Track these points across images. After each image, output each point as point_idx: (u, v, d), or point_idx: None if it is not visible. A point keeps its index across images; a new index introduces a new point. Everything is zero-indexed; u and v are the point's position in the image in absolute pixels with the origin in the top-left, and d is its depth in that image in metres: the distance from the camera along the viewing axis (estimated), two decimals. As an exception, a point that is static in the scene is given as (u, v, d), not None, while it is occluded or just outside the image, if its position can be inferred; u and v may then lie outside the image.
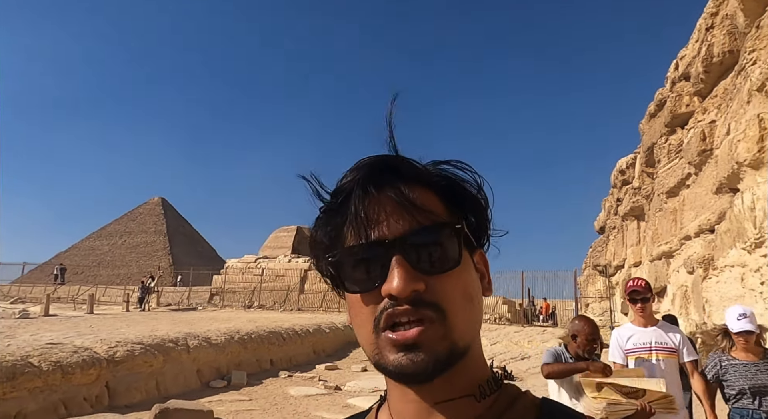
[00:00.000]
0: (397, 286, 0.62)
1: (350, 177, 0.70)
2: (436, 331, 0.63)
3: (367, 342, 0.67)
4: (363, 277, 0.67)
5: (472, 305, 0.68)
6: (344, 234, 0.68)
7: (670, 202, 13.25)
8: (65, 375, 8.20)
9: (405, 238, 0.65)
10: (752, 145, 8.40)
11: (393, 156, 0.72)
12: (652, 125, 15.73)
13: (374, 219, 0.66)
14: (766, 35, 9.03)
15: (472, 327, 0.68)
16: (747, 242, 8.44)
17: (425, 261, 0.65)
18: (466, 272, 0.68)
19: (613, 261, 22.28)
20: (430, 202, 0.69)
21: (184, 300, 31.12)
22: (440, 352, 0.63)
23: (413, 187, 0.69)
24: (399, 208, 0.66)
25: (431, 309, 0.63)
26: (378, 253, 0.65)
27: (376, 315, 0.65)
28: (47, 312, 22.24)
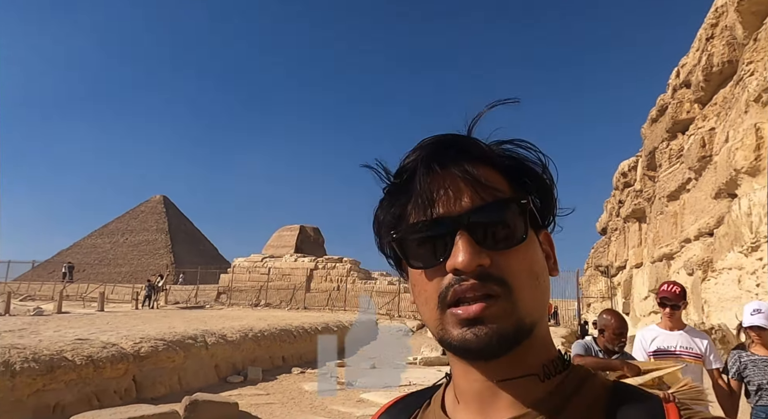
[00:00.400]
0: (463, 260, 0.62)
1: (413, 156, 0.71)
2: (502, 307, 0.63)
3: (431, 318, 0.67)
4: (427, 253, 0.67)
5: (538, 283, 0.67)
6: (408, 212, 0.69)
7: (671, 206, 13.69)
8: (96, 369, 8.65)
9: (469, 214, 0.65)
10: (749, 154, 8.84)
11: (456, 134, 0.72)
12: (653, 130, 16.16)
13: (439, 195, 0.66)
14: (764, 48, 9.46)
15: (539, 305, 0.67)
16: (744, 246, 8.88)
17: (490, 237, 0.65)
18: (531, 249, 0.68)
19: (615, 262, 22.72)
20: (495, 179, 0.69)
21: (192, 298, 31.58)
22: (506, 328, 0.62)
23: (477, 165, 0.68)
24: (463, 184, 0.67)
25: (497, 284, 0.63)
26: (442, 229, 0.65)
27: (441, 290, 0.65)
28: (60, 310, 22.69)
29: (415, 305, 0.71)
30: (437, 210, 0.66)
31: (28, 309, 21.64)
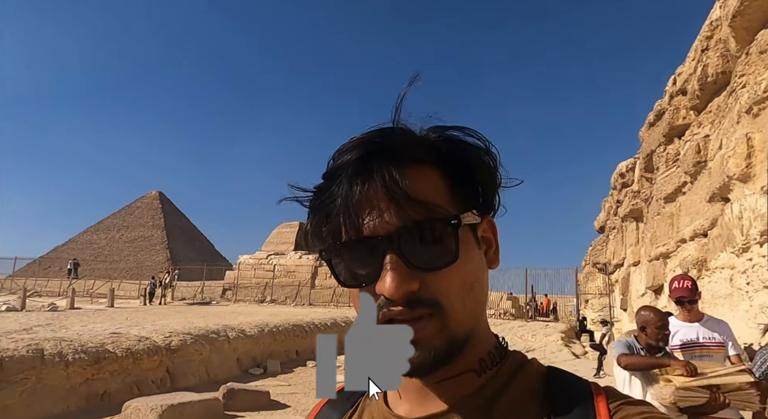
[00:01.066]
0: (390, 288, 0.60)
1: (340, 161, 0.68)
2: (433, 326, 0.62)
3: None
4: (358, 272, 0.65)
5: (473, 293, 0.66)
6: (337, 227, 0.66)
7: (667, 207, 14.39)
8: (135, 361, 9.33)
9: (398, 235, 0.62)
10: (741, 161, 9.51)
11: (388, 130, 0.69)
12: (651, 133, 16.84)
13: (365, 213, 0.63)
14: (755, 62, 10.13)
15: (473, 312, 0.66)
16: (735, 247, 9.57)
17: (420, 256, 0.62)
18: (467, 262, 0.66)
19: (613, 260, 23.43)
20: (429, 185, 0.65)
21: (197, 294, 32.20)
22: (438, 347, 0.62)
23: (409, 171, 0.65)
24: (392, 200, 0.63)
25: (428, 306, 0.62)
26: (371, 250, 0.63)
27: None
28: (72, 306, 23.29)
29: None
30: (365, 229, 0.63)
31: (42, 305, 22.25)
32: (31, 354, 7.52)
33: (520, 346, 19.42)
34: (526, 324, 23.19)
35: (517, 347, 18.23)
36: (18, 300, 21.83)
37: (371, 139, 0.67)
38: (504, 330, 22.15)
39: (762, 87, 9.11)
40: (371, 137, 0.68)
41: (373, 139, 0.67)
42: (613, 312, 24.46)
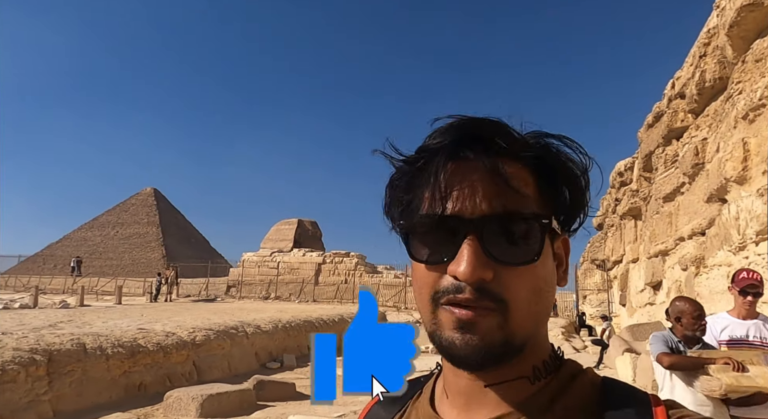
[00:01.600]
0: (464, 271, 0.59)
1: (439, 138, 0.66)
2: (494, 319, 0.61)
3: (425, 309, 0.65)
4: (432, 249, 0.63)
5: (539, 299, 0.64)
6: (422, 200, 0.64)
7: (666, 206, 14.97)
8: (165, 355, 9.83)
9: (484, 220, 0.60)
10: (737, 165, 10.07)
11: (491, 119, 0.66)
12: (649, 134, 17.40)
13: (456, 191, 0.62)
14: (751, 70, 10.68)
15: (536, 319, 0.65)
16: (732, 245, 10.14)
17: (500, 248, 0.61)
18: (541, 266, 0.64)
19: (612, 257, 24.03)
20: (523, 181, 0.64)
21: (202, 291, 32.67)
22: (493, 342, 0.60)
23: (507, 161, 0.63)
24: (485, 184, 0.61)
25: (493, 301, 0.60)
26: (452, 229, 0.61)
27: (438, 289, 0.62)
28: (82, 303, 23.72)
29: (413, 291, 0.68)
30: (451, 206, 0.61)
31: (53, 302, 22.67)
32: (76, 347, 8.02)
33: (522, 341, 20.00)
34: (527, 319, 23.74)
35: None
36: (30, 297, 22.24)
37: (474, 122, 0.65)
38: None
39: (758, 95, 9.67)
40: (473, 121, 0.66)
41: (476, 123, 0.65)
42: (612, 307, 25.07)
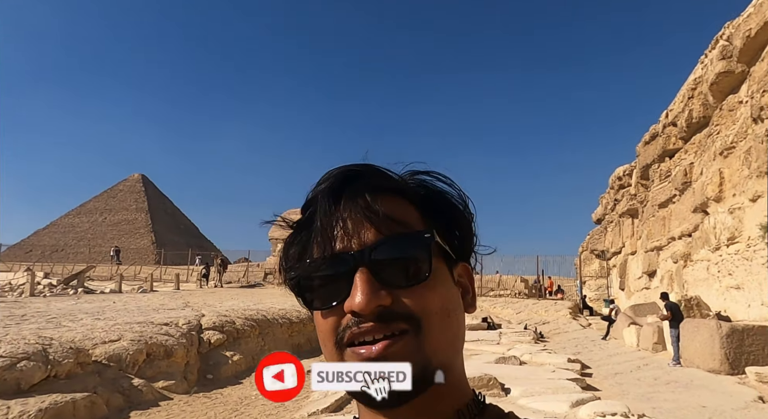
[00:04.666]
0: (360, 302, 0.58)
1: (317, 189, 0.67)
2: (407, 344, 0.59)
3: (331, 359, 0.62)
4: (326, 293, 0.63)
5: (450, 321, 0.62)
6: (309, 249, 0.65)
7: (660, 212, 18.87)
8: (303, 325, 13.59)
9: (369, 250, 0.61)
10: (715, 188, 13.92)
11: (362, 164, 0.69)
12: (646, 150, 21.27)
13: (338, 230, 0.63)
14: (726, 116, 14.49)
15: (451, 345, 0.63)
16: (711, 246, 14.02)
17: (393, 273, 0.61)
18: (441, 285, 0.64)
19: (611, 248, 28.04)
20: (402, 211, 0.65)
21: (241, 278, 36.30)
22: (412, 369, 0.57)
23: (381, 197, 0.64)
24: (364, 219, 0.62)
25: (403, 320, 0.59)
26: (341, 267, 0.61)
27: (339, 331, 0.61)
28: (152, 288, 27.28)
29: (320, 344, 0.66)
30: (336, 246, 0.62)
31: (132, 288, 26.18)
32: (262, 317, 11.75)
33: (537, 319, 23.97)
34: (538, 302, 27.74)
35: (536, 320, 23.10)
36: (115, 284, 25.68)
37: (346, 169, 0.68)
38: (521, 307, 26.78)
39: (730, 139, 13.50)
40: (345, 168, 0.68)
41: (350, 168, 0.68)
42: (610, 291, 29.06)
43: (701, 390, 8.53)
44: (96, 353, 7.16)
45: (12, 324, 9.72)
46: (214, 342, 9.56)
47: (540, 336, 19.32)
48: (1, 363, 5.72)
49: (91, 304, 16.57)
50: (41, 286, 21.66)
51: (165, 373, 7.81)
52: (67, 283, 23.00)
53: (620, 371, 11.15)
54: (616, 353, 14.28)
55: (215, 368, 9.03)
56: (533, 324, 22.09)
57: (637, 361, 12.36)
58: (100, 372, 6.87)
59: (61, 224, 65.66)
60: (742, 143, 12.77)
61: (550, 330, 21.42)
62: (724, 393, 8.20)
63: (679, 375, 10.01)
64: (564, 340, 18.96)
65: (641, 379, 10.05)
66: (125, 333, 8.02)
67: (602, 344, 16.76)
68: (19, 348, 6.11)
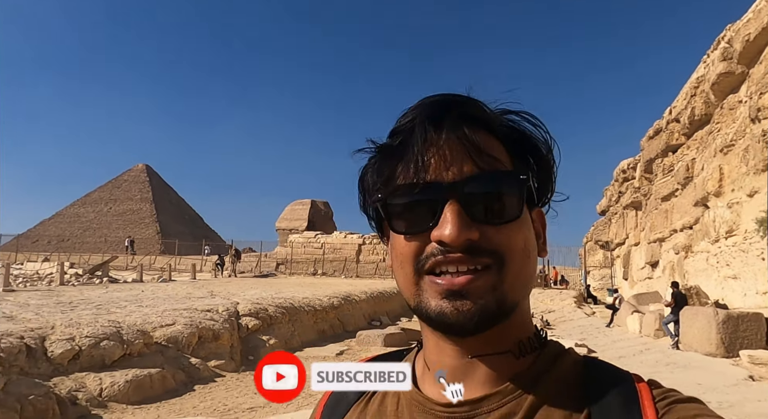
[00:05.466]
0: (450, 233, 0.58)
1: (410, 116, 0.67)
2: (489, 280, 0.60)
3: (407, 283, 0.64)
4: (413, 219, 0.63)
5: (529, 260, 0.64)
6: (398, 174, 0.65)
7: (663, 205, 19.66)
8: (326, 312, 14.48)
9: (464, 183, 0.61)
10: (715, 183, 14.70)
11: (459, 95, 0.68)
12: (650, 144, 22.02)
13: (433, 159, 0.62)
14: (726, 115, 15.23)
15: (526, 283, 0.65)
16: (710, 238, 14.82)
17: (483, 209, 0.62)
18: (525, 227, 0.65)
19: (615, 239, 28.85)
20: (496, 149, 0.65)
21: (254, 268, 37.26)
22: (489, 304, 0.59)
23: (479, 131, 0.64)
24: (461, 150, 0.62)
25: (488, 256, 0.60)
26: (433, 196, 0.61)
27: (421, 257, 0.62)
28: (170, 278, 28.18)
29: (392, 269, 0.68)
30: (429, 174, 0.62)
31: (152, 278, 27.12)
32: (290, 305, 12.64)
33: (543, 308, 24.79)
34: (544, 291, 28.54)
35: (542, 308, 24.03)
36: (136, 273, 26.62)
37: (444, 98, 0.67)
38: (527, 296, 27.56)
39: (729, 137, 14.26)
40: (444, 97, 0.67)
41: (445, 97, 0.67)
42: (614, 281, 29.89)
43: (698, 370, 9.38)
44: (156, 335, 8.03)
45: (67, 310, 10.61)
46: (251, 327, 10.44)
47: (546, 323, 20.07)
48: (88, 343, 6.60)
49: (122, 293, 17.45)
50: (67, 276, 22.56)
51: (215, 354, 8.70)
52: (92, 273, 23.91)
53: (624, 354, 11.99)
54: (620, 339, 15.11)
55: (255, 350, 9.90)
56: (540, 313, 22.83)
57: (640, 346, 13.19)
58: (162, 352, 7.75)
59: (67, 214, 66.21)
60: (741, 141, 13.53)
61: (555, 318, 22.22)
62: (719, 372, 9.03)
63: (678, 358, 10.86)
64: (570, 328, 19.77)
65: (643, 361, 10.89)
66: (178, 318, 8.89)
67: (606, 331, 17.58)
68: (98, 330, 6.99)
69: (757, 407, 6.38)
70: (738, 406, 6.45)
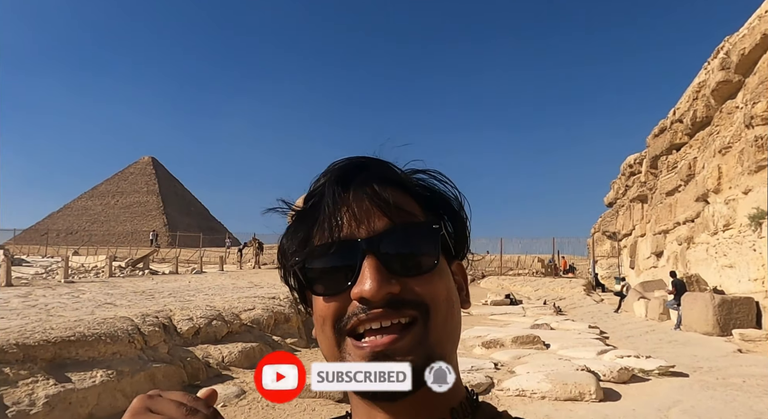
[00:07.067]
0: (371, 288, 0.58)
1: (321, 180, 0.68)
2: (415, 335, 0.59)
3: (329, 347, 0.63)
4: (332, 279, 0.63)
5: (453, 311, 0.64)
6: (313, 235, 0.65)
7: (668, 199, 21.20)
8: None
9: (379, 238, 0.62)
10: (714, 181, 16.21)
11: (368, 157, 0.70)
12: (655, 142, 23.50)
13: (345, 217, 0.63)
14: (724, 118, 16.71)
15: (452, 337, 0.64)
16: (710, 231, 16.38)
17: (401, 263, 0.62)
18: (445, 276, 0.66)
19: (622, 230, 30.42)
20: (408, 204, 0.66)
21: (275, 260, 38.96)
22: (417, 362, 0.58)
23: (388, 188, 0.65)
24: (373, 206, 0.63)
25: (413, 308, 0.60)
26: (348, 253, 0.61)
27: (342, 317, 0.61)
28: (201, 270, 29.86)
29: (316, 335, 0.66)
30: (344, 232, 0.62)
31: (187, 270, 28.78)
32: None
33: (554, 295, 26.41)
34: (554, 279, 30.22)
35: (553, 296, 25.84)
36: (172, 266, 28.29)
37: (352, 160, 0.69)
38: (538, 285, 29.26)
39: (727, 139, 15.76)
40: (352, 159, 0.69)
41: (356, 159, 0.69)
42: (621, 270, 31.47)
43: (696, 346, 10.99)
44: (243, 317, 9.68)
45: (149, 299, 12.34)
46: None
47: (558, 310, 21.64)
48: (203, 322, 8.27)
49: (170, 284, 19.19)
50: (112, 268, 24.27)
51: (288, 333, 10.35)
52: (134, 265, 25.62)
53: (631, 334, 13.63)
54: (628, 322, 16.75)
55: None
56: (551, 300, 24.44)
57: (646, 328, 14.82)
58: (250, 331, 9.38)
59: (75, 207, 67.31)
60: (738, 144, 15.02)
61: (566, 305, 23.81)
62: (713, 347, 10.65)
63: (679, 337, 12.49)
64: (580, 313, 21.38)
65: (649, 340, 12.52)
66: (256, 304, 10.54)
67: (615, 316, 19.22)
68: (207, 313, 8.65)
69: (738, 370, 8.00)
70: (724, 369, 8.08)
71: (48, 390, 4.71)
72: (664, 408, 6.03)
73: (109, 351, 5.85)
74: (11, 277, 15.88)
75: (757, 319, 12.25)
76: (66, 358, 5.34)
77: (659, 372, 7.62)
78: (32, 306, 10.19)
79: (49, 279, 20.51)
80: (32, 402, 4.49)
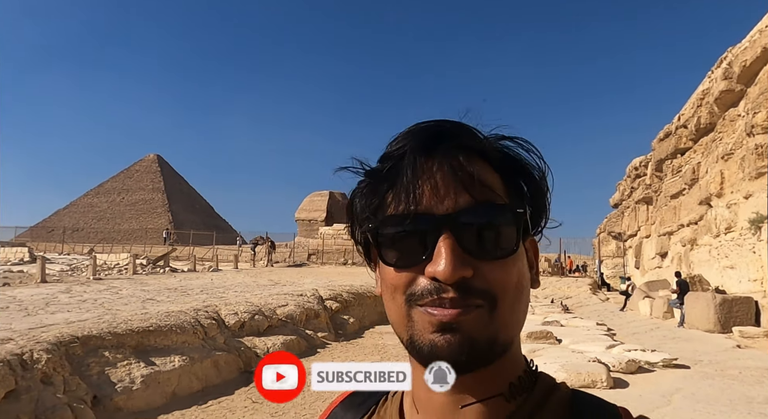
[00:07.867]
0: (444, 270, 0.56)
1: (402, 142, 0.65)
2: (480, 316, 0.58)
3: (399, 314, 0.61)
4: (405, 251, 0.61)
5: (522, 297, 0.63)
6: (388, 202, 0.63)
7: (672, 202, 21.93)
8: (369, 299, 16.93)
9: (458, 215, 0.59)
10: (717, 186, 16.95)
11: (452, 121, 0.67)
12: (660, 146, 24.22)
13: (425, 188, 0.60)
14: (727, 125, 17.44)
15: (518, 321, 0.63)
16: (712, 233, 17.12)
17: (478, 243, 0.60)
18: (520, 261, 0.64)
19: (627, 231, 31.14)
20: (490, 178, 0.64)
21: (287, 258, 39.86)
22: (480, 341, 0.58)
23: (473, 159, 0.63)
24: (455, 180, 0.61)
25: (480, 297, 0.58)
26: (425, 227, 0.60)
27: (414, 292, 0.59)
28: (217, 268, 30.69)
29: (383, 298, 0.65)
30: (422, 205, 0.60)
31: (203, 268, 29.65)
32: (355, 290, 15.10)
33: (561, 294, 27.13)
34: (561, 279, 30.94)
35: (560, 294, 26.69)
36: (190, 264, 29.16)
37: (436, 125, 0.66)
38: (545, 283, 29.95)
39: (729, 146, 16.50)
40: (436, 123, 0.66)
41: (438, 124, 0.66)
42: (626, 270, 32.18)
43: (697, 342, 11.75)
44: (278, 313, 10.51)
45: (185, 294, 13.17)
46: (334, 308, 12.89)
47: (566, 308, 22.37)
48: (247, 317, 9.09)
49: (193, 281, 20.02)
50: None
51: (318, 328, 11.17)
52: (155, 263, 26.51)
53: (637, 331, 14.39)
54: (633, 320, 17.49)
55: (341, 327, 12.36)
56: (558, 299, 25.14)
57: (650, 326, 15.58)
58: (286, 326, 10.21)
59: (81, 204, 67.68)
60: (739, 151, 15.76)
61: (573, 304, 24.50)
62: (714, 343, 11.41)
63: (682, 334, 13.25)
64: (587, 312, 22.12)
65: (654, 337, 13.28)
66: (288, 300, 11.36)
67: (620, 314, 19.95)
68: (249, 308, 9.47)
69: (736, 363, 8.78)
70: (723, 362, 8.86)
71: (142, 371, 5.54)
72: (668, 394, 6.82)
73: (180, 340, 6.68)
74: (45, 274, 16.75)
75: (756, 318, 12.98)
76: (147, 345, 6.17)
77: (663, 364, 8.41)
78: (83, 301, 11.03)
79: (75, 276, 21.37)
80: (132, 381, 5.31)
